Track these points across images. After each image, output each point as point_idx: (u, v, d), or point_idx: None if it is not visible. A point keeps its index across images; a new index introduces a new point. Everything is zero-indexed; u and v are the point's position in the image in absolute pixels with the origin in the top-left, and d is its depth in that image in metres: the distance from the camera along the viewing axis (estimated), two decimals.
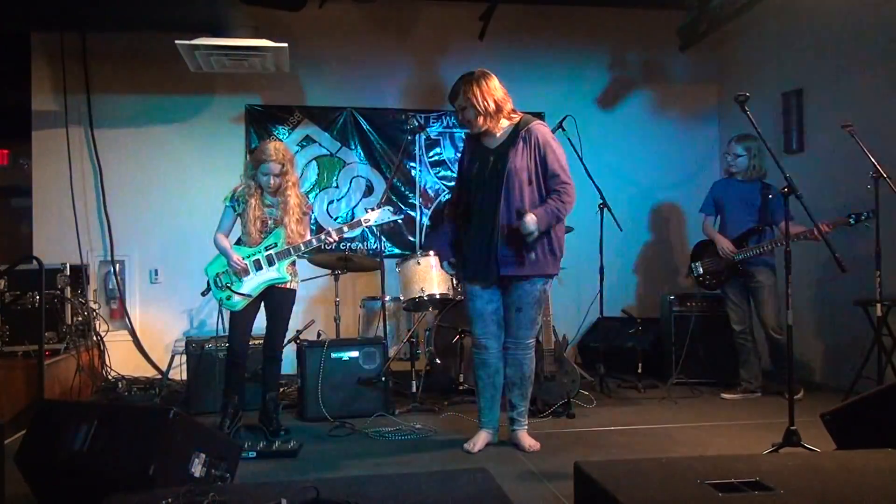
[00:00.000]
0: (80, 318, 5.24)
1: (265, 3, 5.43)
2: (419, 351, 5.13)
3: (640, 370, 5.32)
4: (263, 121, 6.20)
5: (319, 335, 5.13)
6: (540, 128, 3.63)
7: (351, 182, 6.34)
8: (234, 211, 4.04)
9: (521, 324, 3.66)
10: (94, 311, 5.54)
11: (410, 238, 6.36)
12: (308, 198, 4.92)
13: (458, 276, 4.06)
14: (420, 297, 4.92)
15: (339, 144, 6.32)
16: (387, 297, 4.94)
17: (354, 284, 6.05)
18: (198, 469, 2.59)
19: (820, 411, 2.97)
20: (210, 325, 5.91)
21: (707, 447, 3.72)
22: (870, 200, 4.27)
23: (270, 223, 4.02)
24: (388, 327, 4.91)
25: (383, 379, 4.51)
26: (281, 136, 6.12)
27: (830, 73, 5.35)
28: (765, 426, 4.03)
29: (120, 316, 5.98)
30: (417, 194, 6.39)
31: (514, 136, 3.61)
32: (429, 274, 4.88)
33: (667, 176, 6.68)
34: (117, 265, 5.97)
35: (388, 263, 5.32)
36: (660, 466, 2.15)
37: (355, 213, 6.28)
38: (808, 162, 5.48)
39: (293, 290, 4.11)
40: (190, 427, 2.65)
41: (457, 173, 3.92)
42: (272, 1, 5.51)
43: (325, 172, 6.31)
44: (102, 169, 5.98)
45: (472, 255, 3.66)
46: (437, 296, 4.94)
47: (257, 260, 3.97)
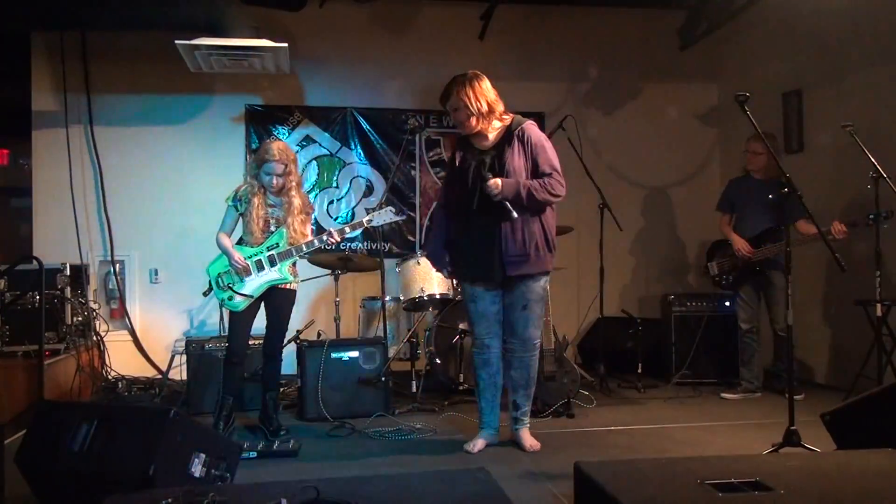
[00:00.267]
0: (80, 318, 5.24)
1: (265, 3, 5.44)
2: (419, 351, 5.13)
3: (640, 370, 5.32)
4: (263, 121, 6.20)
5: (319, 335, 5.13)
6: (533, 128, 3.65)
7: (351, 182, 6.34)
8: (237, 210, 4.03)
9: (528, 321, 3.65)
10: (94, 311, 5.55)
11: (410, 238, 6.36)
12: (310, 198, 4.92)
13: (454, 275, 4.05)
14: (420, 297, 4.92)
15: (339, 144, 6.32)
16: (387, 297, 4.94)
17: (354, 284, 6.05)
18: (198, 469, 2.59)
19: (820, 411, 2.97)
20: (210, 325, 5.91)
21: (707, 447, 3.72)
22: (870, 200, 4.27)
23: (273, 223, 4.02)
24: (388, 327, 4.91)
25: (383, 379, 4.51)
26: (281, 136, 6.12)
27: (830, 73, 5.35)
28: (765, 426, 4.04)
29: (120, 316, 5.98)
30: (417, 194, 6.39)
31: (508, 136, 3.62)
32: (429, 274, 4.88)
33: (667, 176, 6.68)
34: (117, 265, 5.97)
35: (388, 263, 5.32)
36: (660, 466, 2.15)
37: (355, 213, 6.28)
38: (808, 162, 5.47)
39: (293, 291, 4.11)
40: (190, 427, 2.65)
41: (447, 174, 3.91)
42: (272, 1, 5.51)
43: (325, 172, 6.31)
44: (102, 169, 5.98)
45: (473, 257, 3.65)
46: (437, 296, 4.94)
47: (259, 260, 3.97)
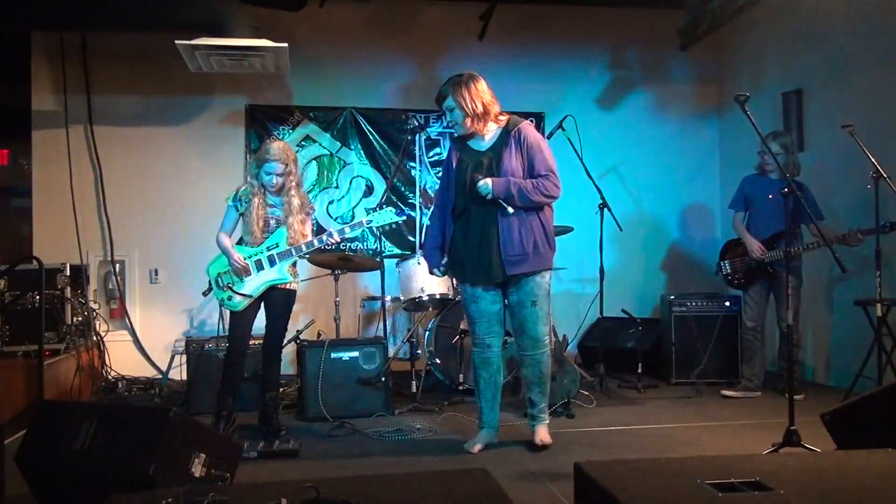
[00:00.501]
0: (80, 318, 5.24)
1: (265, 3, 5.44)
2: (419, 351, 5.13)
3: (640, 370, 5.32)
4: (263, 121, 6.20)
5: (319, 335, 5.13)
6: (529, 129, 3.66)
7: (351, 182, 6.34)
8: (237, 210, 4.03)
9: (537, 318, 3.64)
10: (94, 311, 5.55)
11: (410, 238, 6.36)
12: (309, 198, 4.91)
13: (453, 276, 4.05)
14: (420, 297, 4.93)
15: (339, 144, 6.32)
16: (387, 297, 4.94)
17: (354, 284, 6.05)
18: (198, 469, 2.59)
19: (820, 411, 2.97)
20: (210, 325, 5.91)
21: (707, 447, 3.72)
22: (870, 200, 4.28)
23: (273, 223, 4.02)
24: (388, 327, 4.91)
25: (383, 379, 4.51)
26: (281, 136, 6.12)
27: (830, 73, 5.35)
28: (765, 426, 4.03)
29: (120, 316, 5.98)
30: (417, 194, 6.39)
31: (505, 137, 3.62)
32: (429, 274, 4.88)
33: (667, 176, 6.68)
34: (117, 265, 5.98)
35: (388, 263, 5.32)
36: (660, 466, 2.14)
37: (355, 213, 6.28)
38: (808, 162, 5.46)
39: (293, 291, 4.11)
40: (190, 427, 2.65)
41: (443, 176, 3.90)
42: (272, 1, 5.51)
43: (325, 172, 6.31)
44: (102, 169, 5.98)
45: (472, 258, 3.64)
46: (437, 296, 4.94)
47: (258, 260, 3.97)
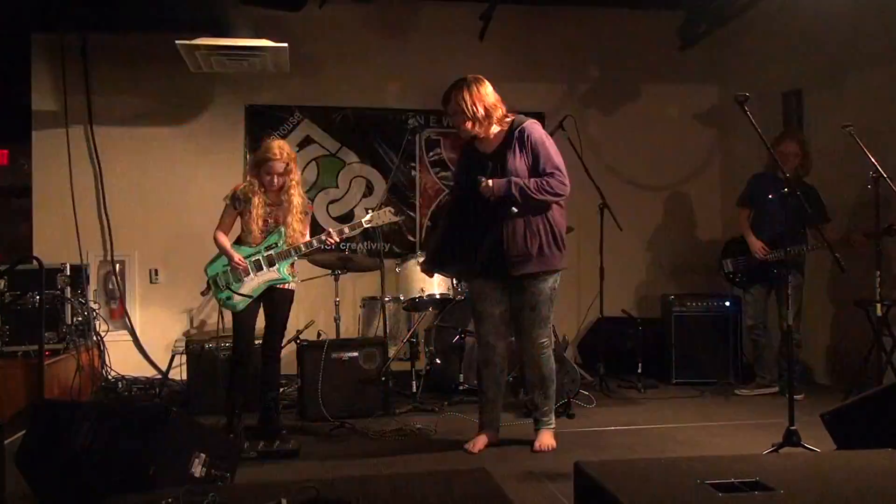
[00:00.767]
0: (80, 318, 5.24)
1: (265, 3, 5.43)
2: (419, 350, 5.12)
3: (640, 370, 5.32)
4: (263, 121, 6.20)
5: (319, 335, 5.13)
6: (533, 127, 3.64)
7: (351, 182, 6.33)
8: (235, 209, 4.03)
9: (534, 322, 3.64)
10: (94, 311, 5.54)
11: (410, 238, 6.36)
12: (308, 198, 4.91)
13: (458, 277, 4.03)
14: (420, 297, 4.92)
15: (339, 144, 6.32)
16: (387, 297, 4.94)
17: (354, 284, 6.04)
18: (198, 469, 2.59)
19: (820, 411, 2.97)
20: (210, 325, 5.91)
21: (707, 447, 3.72)
22: (870, 200, 4.27)
23: (271, 222, 4.01)
24: (388, 327, 4.91)
25: (383, 379, 4.51)
26: (281, 136, 6.11)
27: (830, 74, 5.35)
28: (765, 426, 4.03)
29: (120, 316, 5.98)
30: (417, 194, 6.39)
31: (509, 138, 3.62)
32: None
33: (667, 176, 6.67)
34: (117, 265, 5.98)
35: (388, 263, 5.32)
36: (660, 466, 2.15)
37: (355, 213, 6.27)
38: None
39: (292, 291, 4.10)
40: (190, 427, 2.65)
41: (453, 180, 3.91)
42: (272, 1, 5.51)
43: (325, 172, 6.31)
44: (102, 169, 5.98)
45: (478, 259, 3.63)
46: (437, 296, 4.94)
47: (257, 260, 3.96)
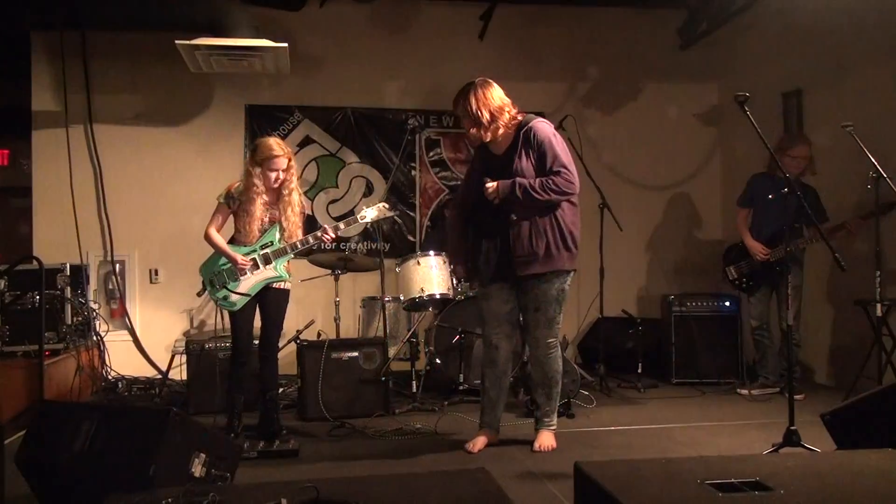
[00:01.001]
0: (80, 318, 5.24)
1: (265, 3, 5.44)
2: (419, 350, 5.12)
3: (640, 370, 5.32)
4: (263, 121, 6.20)
5: (319, 335, 5.13)
6: (540, 125, 3.62)
7: (351, 182, 6.34)
8: (229, 208, 4.00)
9: (538, 323, 3.63)
10: (94, 311, 5.54)
11: (410, 238, 6.37)
12: (308, 198, 4.91)
13: (470, 279, 4.03)
14: (420, 297, 4.92)
15: (339, 144, 6.32)
16: (387, 297, 4.94)
17: (354, 284, 6.05)
18: (198, 469, 2.59)
19: (820, 411, 2.97)
20: (210, 325, 5.91)
21: (707, 447, 3.72)
22: (869, 201, 4.28)
23: (266, 221, 4.00)
24: (388, 327, 4.91)
25: (383, 379, 4.51)
26: (281, 136, 6.10)
27: (830, 73, 5.35)
28: (765, 426, 4.04)
29: (120, 316, 5.98)
30: (417, 194, 6.39)
31: (517, 139, 3.62)
32: (429, 274, 4.87)
33: (667, 176, 6.68)
34: (117, 265, 5.98)
35: (388, 263, 5.32)
36: (660, 466, 2.14)
37: (355, 213, 6.26)
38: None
39: (287, 290, 4.08)
40: (190, 427, 2.65)
41: (463, 179, 3.92)
42: (272, 1, 5.52)
43: (325, 172, 6.31)
44: (102, 169, 5.98)
45: (487, 259, 3.65)
46: (437, 296, 4.93)
47: (254, 259, 3.95)
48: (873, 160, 4.04)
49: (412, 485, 2.12)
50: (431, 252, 4.94)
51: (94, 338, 5.45)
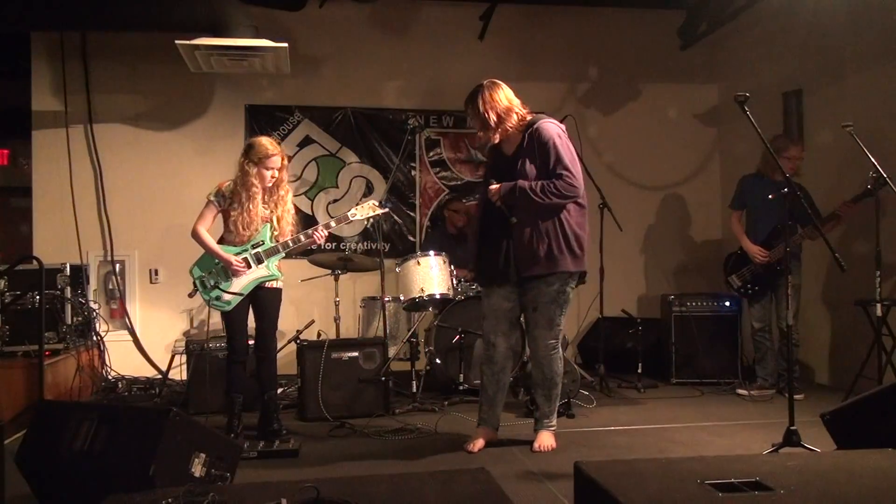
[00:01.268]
0: (80, 318, 5.24)
1: (265, 3, 5.44)
2: (419, 350, 5.12)
3: (640, 370, 5.32)
4: (263, 121, 6.20)
5: (319, 335, 5.13)
6: (544, 126, 3.62)
7: (351, 182, 6.34)
8: (218, 207, 3.97)
9: (537, 323, 3.63)
10: (94, 311, 5.54)
11: (410, 238, 6.37)
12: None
13: (479, 281, 4.05)
14: (420, 297, 4.92)
15: (339, 144, 6.32)
16: (387, 297, 4.94)
17: (354, 284, 6.05)
18: (198, 469, 2.59)
19: (820, 411, 2.97)
20: (210, 325, 5.90)
21: (707, 447, 3.72)
22: (869, 201, 4.28)
23: (259, 220, 3.98)
24: (388, 327, 4.91)
25: (383, 379, 4.51)
26: (281, 136, 6.12)
27: (830, 73, 5.35)
28: (765, 426, 4.04)
29: (120, 316, 5.98)
30: (417, 194, 6.39)
31: (523, 140, 3.63)
32: (429, 274, 4.87)
33: (667, 176, 6.68)
34: (117, 265, 5.98)
35: (388, 263, 5.32)
36: (660, 466, 2.15)
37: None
38: (808, 162, 5.45)
39: (280, 290, 4.07)
40: (190, 427, 2.64)
41: (482, 179, 3.96)
42: (272, 1, 5.51)
43: (325, 172, 6.31)
44: (102, 169, 5.99)
45: (490, 258, 3.66)
46: (437, 296, 4.93)
47: (245, 258, 3.94)
48: (873, 160, 4.04)
49: (412, 485, 2.12)
50: (431, 252, 4.93)
51: (94, 338, 5.45)
